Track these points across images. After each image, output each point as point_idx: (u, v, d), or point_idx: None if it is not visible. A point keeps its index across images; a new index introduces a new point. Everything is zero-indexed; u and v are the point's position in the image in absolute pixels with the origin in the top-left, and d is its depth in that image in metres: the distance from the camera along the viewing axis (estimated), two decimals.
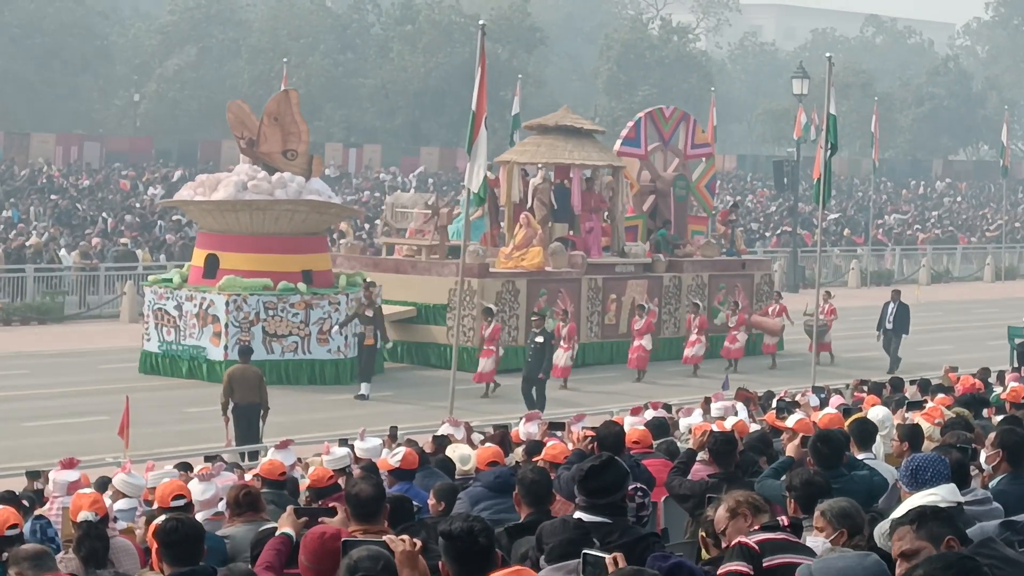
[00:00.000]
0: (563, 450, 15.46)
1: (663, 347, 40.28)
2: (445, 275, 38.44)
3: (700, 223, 46.50)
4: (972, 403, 18.82)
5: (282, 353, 35.69)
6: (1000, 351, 37.02)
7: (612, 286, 40.64)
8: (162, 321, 36.48)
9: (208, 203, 36.74)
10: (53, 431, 29.76)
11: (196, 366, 35.79)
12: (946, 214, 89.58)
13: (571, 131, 42.25)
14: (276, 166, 37.10)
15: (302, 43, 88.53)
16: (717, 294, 42.69)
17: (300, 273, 36.45)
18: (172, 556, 9.34)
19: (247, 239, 36.44)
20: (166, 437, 29.16)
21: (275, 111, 37.80)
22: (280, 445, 20.48)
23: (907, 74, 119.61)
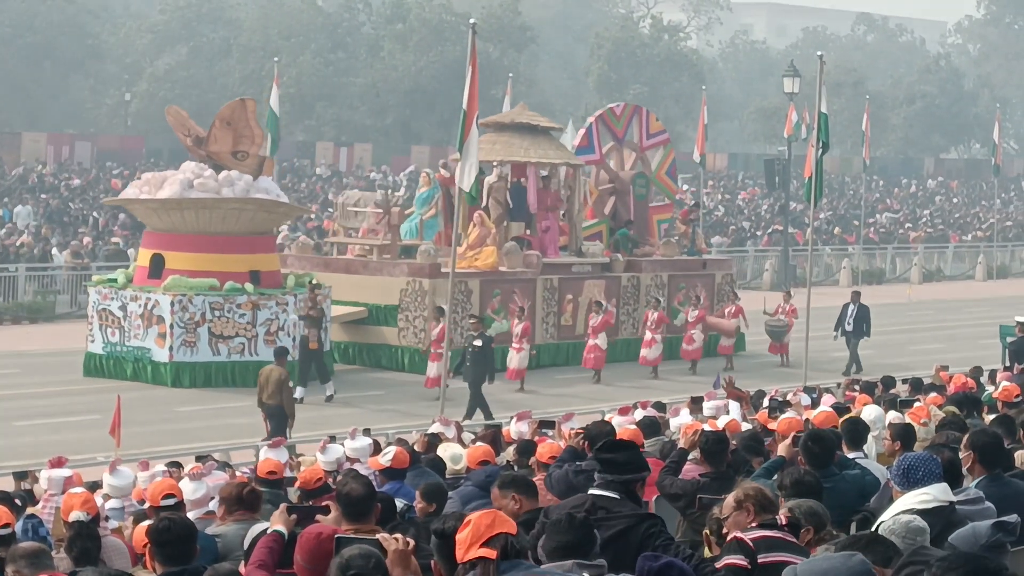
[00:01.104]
0: (555, 449, 15.47)
1: (621, 348, 40.00)
2: (396, 275, 38.17)
3: (665, 211, 46.36)
4: (964, 402, 18.82)
5: (228, 355, 35.22)
6: (992, 350, 37.06)
7: (569, 286, 40.11)
8: (106, 322, 35.97)
9: (153, 201, 36.23)
10: (44, 430, 29.78)
11: (141, 368, 35.28)
12: (937, 212, 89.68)
13: (528, 128, 41.54)
14: (225, 165, 36.65)
15: (293, 42, 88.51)
16: (677, 294, 42.24)
17: (247, 273, 35.96)
18: (164, 556, 9.36)
19: (193, 238, 35.94)
20: (157, 436, 29.17)
21: (228, 116, 37.38)
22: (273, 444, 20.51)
23: (898, 72, 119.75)
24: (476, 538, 7.35)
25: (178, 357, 34.78)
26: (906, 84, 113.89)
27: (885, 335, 48.53)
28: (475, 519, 7.50)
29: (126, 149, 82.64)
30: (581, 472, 13.30)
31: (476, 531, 7.40)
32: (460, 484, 14.65)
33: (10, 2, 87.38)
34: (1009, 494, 10.76)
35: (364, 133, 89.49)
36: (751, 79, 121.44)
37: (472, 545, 7.35)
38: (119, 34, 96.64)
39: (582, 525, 8.32)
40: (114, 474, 18.50)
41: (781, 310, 41.70)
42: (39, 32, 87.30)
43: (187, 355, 34.96)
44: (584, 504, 10.16)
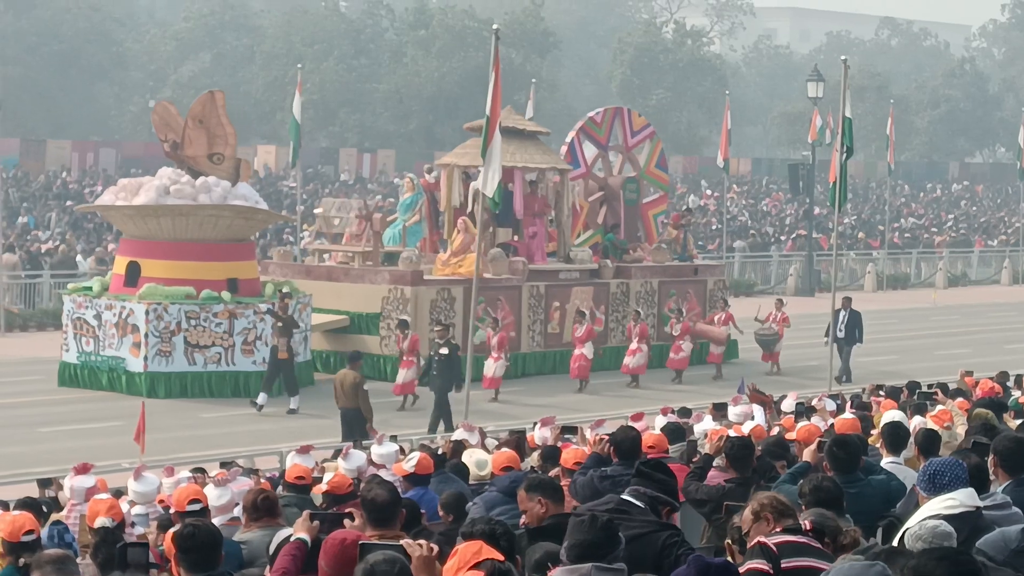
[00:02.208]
0: (580, 455, 15.46)
1: (610, 356, 39.46)
2: (378, 283, 37.77)
3: (660, 204, 45.91)
4: (990, 407, 18.79)
5: (204, 364, 34.76)
6: (1019, 355, 37.04)
7: (556, 293, 39.59)
8: (81, 331, 35.42)
9: (128, 208, 35.90)
10: (69, 436, 29.84)
11: (115, 377, 34.74)
12: (963, 217, 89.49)
13: (514, 132, 40.48)
14: (201, 170, 36.17)
15: (316, 49, 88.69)
16: (668, 301, 41.56)
17: (225, 281, 35.52)
18: (190, 562, 9.37)
19: (169, 246, 35.44)
20: (181, 443, 29.23)
21: (200, 113, 36.85)
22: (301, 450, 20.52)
23: (923, 76, 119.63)
24: (463, 563, 7.46)
25: (153, 367, 34.36)
26: (930, 88, 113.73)
27: (910, 340, 48.55)
28: (462, 549, 7.67)
29: (150, 155, 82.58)
30: (607, 478, 13.30)
31: (463, 557, 7.58)
32: (485, 490, 14.65)
33: (36, 10, 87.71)
34: None
35: (387, 139, 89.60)
36: (775, 84, 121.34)
37: (460, 570, 7.43)
38: (144, 41, 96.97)
39: (605, 526, 8.31)
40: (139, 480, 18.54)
41: (772, 318, 41.15)
42: (65, 40, 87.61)
43: (162, 365, 34.49)
44: (609, 504, 10.17)
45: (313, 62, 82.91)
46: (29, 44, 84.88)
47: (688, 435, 19.30)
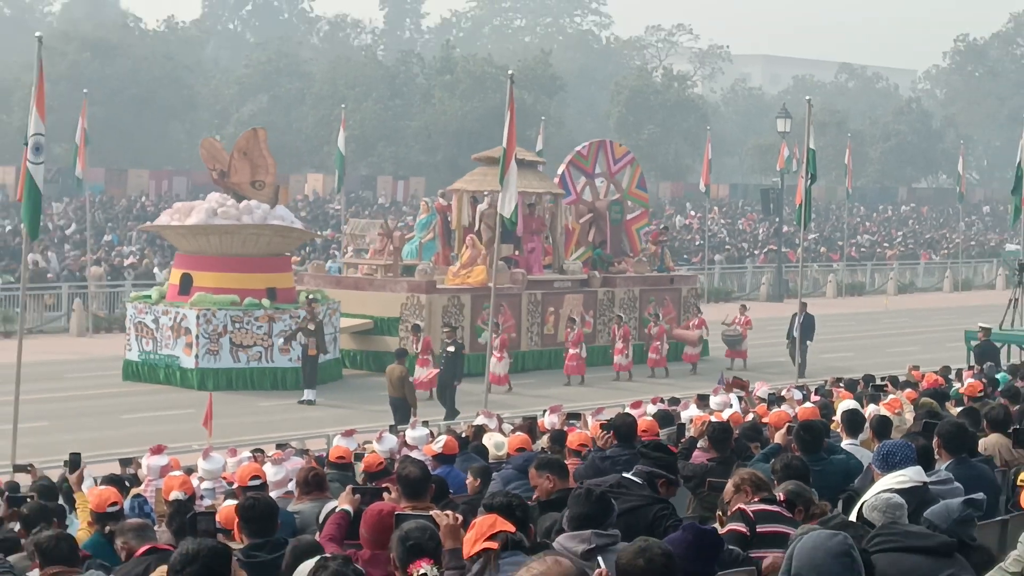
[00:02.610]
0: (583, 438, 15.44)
1: (597, 355, 39.18)
2: (398, 291, 37.66)
3: (641, 219, 45.58)
4: (935, 397, 18.78)
5: (247, 362, 34.83)
6: (958, 352, 36.86)
7: (551, 300, 39.43)
8: (142, 333, 35.58)
9: (182, 227, 35.98)
10: (147, 422, 29.86)
11: (171, 373, 34.86)
12: (910, 234, 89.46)
13: (515, 162, 41.19)
14: (245, 195, 36.25)
15: (357, 91, 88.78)
16: (647, 306, 41.51)
17: (265, 290, 35.57)
18: (251, 529, 9.39)
19: (217, 259, 35.52)
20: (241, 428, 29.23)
21: (244, 147, 36.99)
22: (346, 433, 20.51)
23: (875, 113, 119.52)
24: (480, 535, 7.46)
25: (203, 364, 34.46)
26: (882, 124, 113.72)
27: (865, 339, 48.47)
28: (479, 522, 7.64)
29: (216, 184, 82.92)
30: (607, 459, 13.29)
31: (480, 530, 7.53)
32: (502, 468, 14.63)
33: (119, 59, 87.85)
34: (975, 475, 10.74)
35: (418, 168, 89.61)
36: (749, 120, 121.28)
37: (477, 540, 7.44)
38: (210, 85, 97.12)
39: (600, 498, 8.33)
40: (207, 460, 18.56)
41: (737, 321, 41.18)
42: (143, 85, 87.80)
43: (211, 362, 34.60)
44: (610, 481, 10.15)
45: (355, 102, 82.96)
46: (113, 88, 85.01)
47: (676, 421, 19.28)
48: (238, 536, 9.70)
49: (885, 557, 6.95)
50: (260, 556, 9.08)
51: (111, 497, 12.01)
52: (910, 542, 7.00)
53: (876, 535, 7.17)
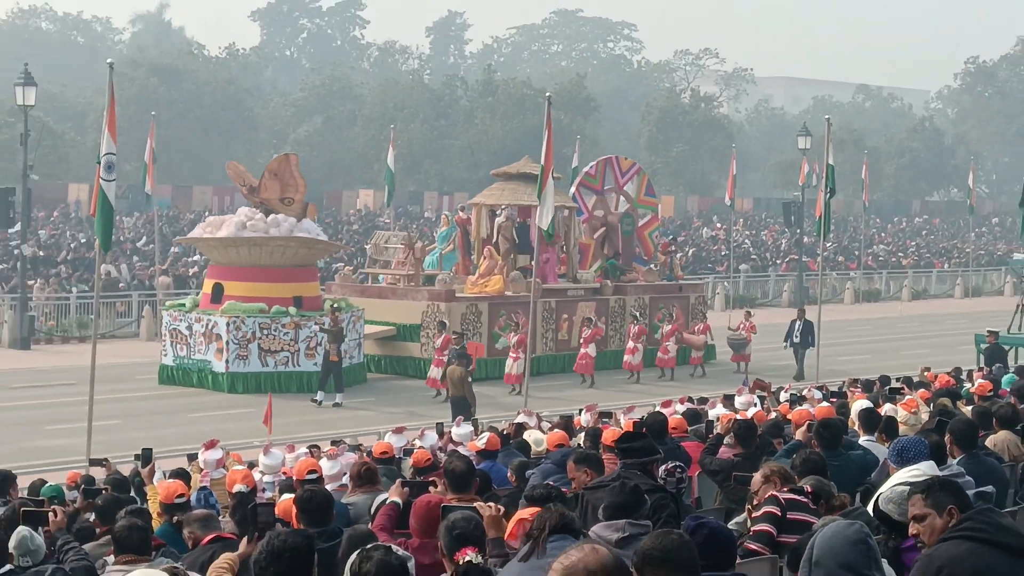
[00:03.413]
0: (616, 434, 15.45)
1: (609, 358, 39.07)
2: (419, 300, 37.57)
3: (652, 223, 45.35)
4: (947, 396, 18.73)
5: (275, 366, 34.57)
6: (969, 354, 36.71)
7: (564, 307, 39.21)
8: (176, 339, 35.47)
9: (214, 240, 35.86)
10: (214, 420, 29.98)
11: (203, 377, 34.70)
12: (923, 244, 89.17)
13: (531, 177, 39.51)
14: (274, 210, 36.16)
15: (405, 112, 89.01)
16: (657, 312, 41.27)
17: (292, 299, 35.30)
18: (308, 519, 9.43)
19: (246, 270, 35.31)
20: (298, 426, 29.31)
21: (275, 169, 37.02)
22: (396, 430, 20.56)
23: (890, 131, 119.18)
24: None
25: (233, 368, 34.33)
26: (897, 141, 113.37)
27: (881, 342, 48.28)
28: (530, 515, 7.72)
29: None
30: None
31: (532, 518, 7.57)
32: (542, 462, 14.67)
33: (184, 84, 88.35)
34: (984, 470, 10.71)
35: (462, 184, 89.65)
36: (771, 138, 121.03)
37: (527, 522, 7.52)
38: (268, 108, 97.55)
39: (634, 491, 8.36)
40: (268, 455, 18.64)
41: (742, 327, 40.70)
42: (206, 107, 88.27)
43: (240, 366, 34.42)
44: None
45: (403, 123, 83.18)
46: (178, 111, 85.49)
47: (704, 419, 19.28)
48: (296, 526, 9.76)
49: (965, 545, 6.80)
50: (318, 544, 9.13)
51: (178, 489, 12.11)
52: (1000, 537, 6.85)
53: (967, 519, 6.95)
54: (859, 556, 5.98)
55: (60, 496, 14.38)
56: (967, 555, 6.69)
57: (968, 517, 6.92)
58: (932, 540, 7.06)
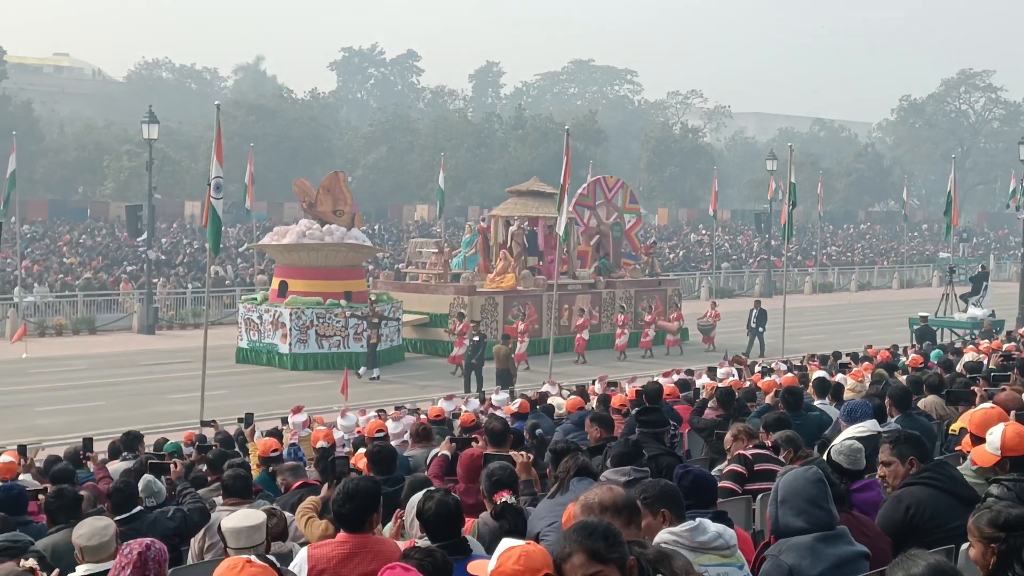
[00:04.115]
0: (622, 399, 15.43)
1: (601, 340, 38.83)
2: (447, 294, 37.56)
3: (637, 225, 45.24)
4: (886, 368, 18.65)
5: (329, 348, 34.54)
6: (904, 334, 36.60)
7: (565, 299, 38.76)
8: (250, 326, 35.46)
9: (280, 246, 35.84)
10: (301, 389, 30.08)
11: (271, 357, 34.69)
12: (867, 245, 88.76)
13: (539, 194, 41.07)
14: (327, 220, 36.18)
15: (452, 142, 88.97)
16: (640, 303, 41.04)
17: (343, 293, 35.21)
18: (377, 469, 9.45)
19: (306, 270, 35.25)
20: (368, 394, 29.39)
21: (328, 184, 36.95)
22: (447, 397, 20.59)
23: (840, 155, 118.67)
24: None
25: (295, 350, 34.34)
26: (846, 163, 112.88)
27: (834, 325, 48.09)
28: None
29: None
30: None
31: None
32: (563, 422, 14.67)
33: (276, 121, 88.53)
34: (918, 426, 10.66)
35: (498, 200, 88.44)
36: (745, 161, 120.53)
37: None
38: (343, 139, 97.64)
39: (635, 444, 8.42)
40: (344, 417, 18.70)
41: (709, 315, 40.76)
42: (294, 139, 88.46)
43: (301, 348, 34.40)
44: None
45: (451, 151, 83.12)
46: (271, 142, 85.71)
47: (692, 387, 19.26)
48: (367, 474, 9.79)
49: (928, 491, 6.81)
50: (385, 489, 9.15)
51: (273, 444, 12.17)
52: (952, 487, 6.89)
53: (926, 470, 6.96)
54: (819, 492, 6.01)
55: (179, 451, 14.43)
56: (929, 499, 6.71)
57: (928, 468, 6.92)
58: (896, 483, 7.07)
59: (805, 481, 6.04)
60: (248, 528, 6.55)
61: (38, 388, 30.64)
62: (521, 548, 4.31)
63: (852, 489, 7.40)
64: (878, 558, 6.11)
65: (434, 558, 5.18)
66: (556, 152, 79.09)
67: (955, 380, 14.80)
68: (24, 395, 29.52)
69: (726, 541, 5.73)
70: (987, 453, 7.08)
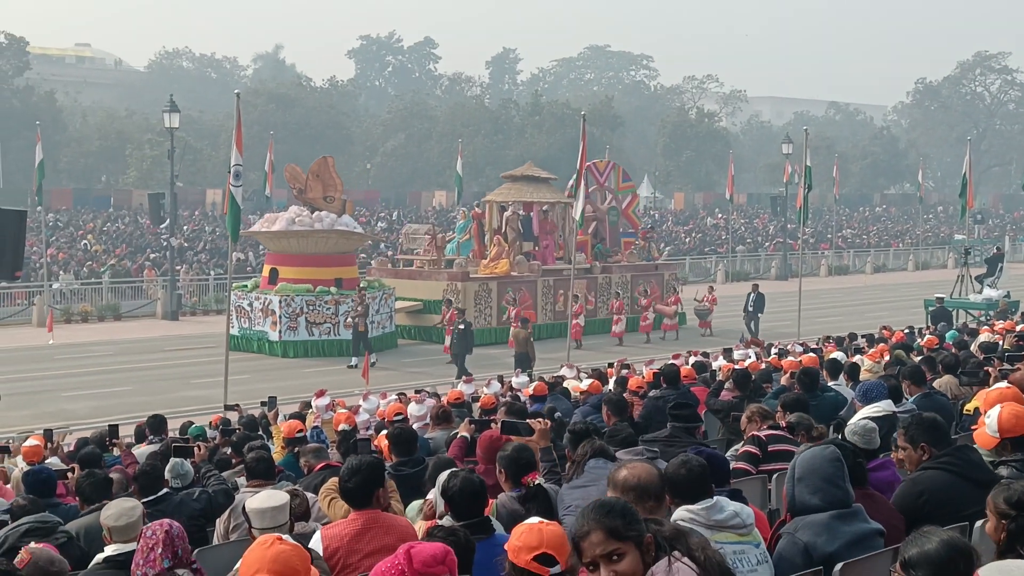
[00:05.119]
0: (639, 381, 15.45)
1: (598, 325, 38.28)
2: (440, 280, 37.01)
3: (633, 202, 44.59)
4: (902, 349, 18.61)
5: (319, 335, 34.15)
6: (919, 315, 36.48)
7: (560, 284, 38.28)
8: (241, 314, 34.87)
9: (270, 232, 35.42)
10: (322, 375, 30.17)
11: (262, 344, 34.25)
12: (882, 228, 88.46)
13: (533, 179, 40.43)
14: (318, 207, 35.73)
15: (470, 129, 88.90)
16: (637, 287, 40.68)
17: (333, 280, 34.81)
18: (398, 450, 9.50)
19: (296, 257, 34.85)
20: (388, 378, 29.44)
21: (316, 170, 36.41)
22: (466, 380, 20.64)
23: (856, 138, 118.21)
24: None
25: (285, 337, 33.96)
26: (861, 146, 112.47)
27: (850, 306, 48.00)
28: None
29: (368, 199, 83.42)
30: (659, 398, 13.34)
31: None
32: (581, 405, 14.70)
33: (295, 109, 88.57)
34: (936, 406, 10.66)
35: None
36: (761, 145, 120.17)
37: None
38: (362, 127, 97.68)
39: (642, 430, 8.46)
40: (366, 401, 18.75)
41: (706, 299, 40.34)
42: (313, 127, 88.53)
43: (291, 336, 34.02)
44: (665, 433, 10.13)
45: (468, 138, 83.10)
46: (291, 130, 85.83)
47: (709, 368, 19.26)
48: (388, 456, 9.83)
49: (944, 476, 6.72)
50: (405, 470, 9.21)
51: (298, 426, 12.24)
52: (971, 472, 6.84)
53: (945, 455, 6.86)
54: (835, 471, 6.04)
55: (203, 435, 14.53)
56: (945, 485, 6.70)
57: (948, 453, 6.91)
58: (911, 467, 7.08)
59: (822, 460, 6.07)
60: (272, 508, 6.62)
61: (64, 374, 30.83)
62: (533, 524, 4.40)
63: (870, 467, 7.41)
64: (892, 535, 6.14)
65: (457, 537, 5.22)
66: (573, 138, 78.99)
67: (970, 360, 14.78)
68: (51, 380, 29.71)
69: (743, 520, 5.76)
70: (987, 435, 7.09)
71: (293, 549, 4.35)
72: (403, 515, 7.66)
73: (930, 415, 7.43)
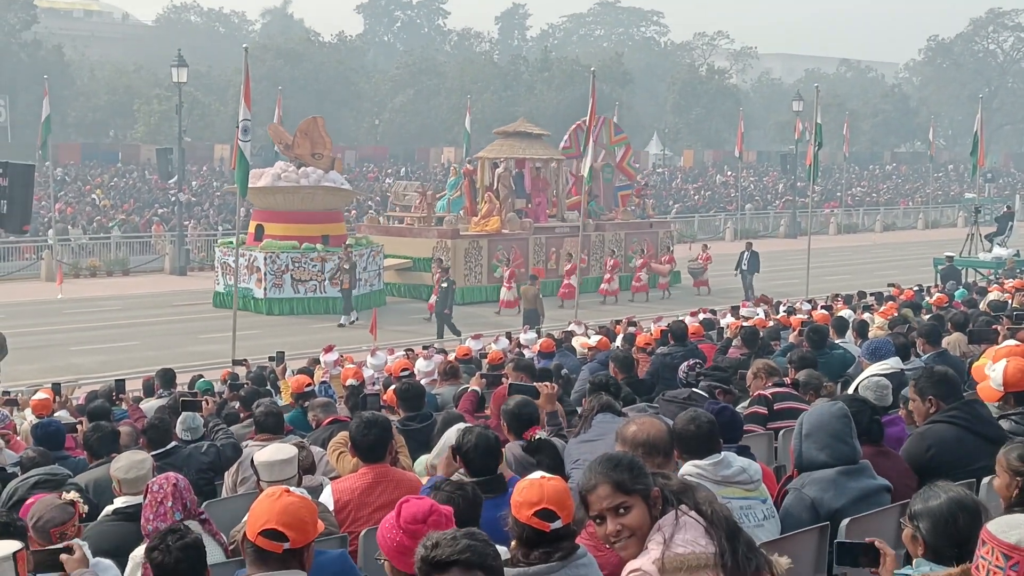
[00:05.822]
0: (647, 338, 15.45)
1: (590, 284, 37.60)
2: (430, 237, 36.72)
3: (627, 154, 44.40)
4: (911, 307, 18.60)
5: (305, 292, 33.83)
6: (929, 273, 36.39)
7: (553, 242, 38.23)
8: (226, 271, 34.14)
9: (255, 188, 34.21)
10: (328, 330, 30.22)
11: (247, 301, 33.02)
12: (892, 186, 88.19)
13: (526, 135, 40.05)
14: (305, 163, 35.23)
15: (479, 85, 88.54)
16: (631, 246, 40.49)
17: (320, 237, 34.37)
18: (406, 405, 9.53)
19: (282, 213, 34.36)
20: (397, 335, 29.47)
21: (305, 128, 36.06)
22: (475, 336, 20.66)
23: (867, 96, 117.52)
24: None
25: (270, 295, 33.65)
26: (872, 104, 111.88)
27: (859, 265, 47.94)
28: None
29: (377, 155, 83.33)
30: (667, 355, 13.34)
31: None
32: (589, 361, 14.72)
33: (303, 65, 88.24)
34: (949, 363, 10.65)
35: None
36: (771, 103, 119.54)
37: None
38: (370, 82, 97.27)
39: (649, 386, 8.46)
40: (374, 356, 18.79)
41: (700, 257, 40.10)
42: (321, 83, 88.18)
43: (276, 293, 33.71)
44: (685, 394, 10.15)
45: (477, 94, 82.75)
46: (299, 86, 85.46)
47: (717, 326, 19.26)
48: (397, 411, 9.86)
49: (952, 430, 6.71)
50: (412, 425, 9.24)
51: (306, 380, 12.28)
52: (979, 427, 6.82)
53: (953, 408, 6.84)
54: (843, 427, 6.05)
55: (211, 389, 14.58)
56: (952, 439, 6.70)
57: (956, 407, 6.91)
58: (920, 420, 7.08)
59: (830, 416, 6.07)
60: (280, 461, 6.66)
61: (73, 328, 30.93)
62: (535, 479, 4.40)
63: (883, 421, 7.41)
64: (904, 493, 6.15)
65: (464, 492, 5.23)
66: (582, 94, 78.35)
67: (978, 318, 14.77)
68: (60, 335, 29.81)
69: (750, 476, 5.77)
70: (991, 389, 7.09)
71: (301, 501, 4.38)
72: (411, 470, 7.70)
73: (941, 368, 7.43)
